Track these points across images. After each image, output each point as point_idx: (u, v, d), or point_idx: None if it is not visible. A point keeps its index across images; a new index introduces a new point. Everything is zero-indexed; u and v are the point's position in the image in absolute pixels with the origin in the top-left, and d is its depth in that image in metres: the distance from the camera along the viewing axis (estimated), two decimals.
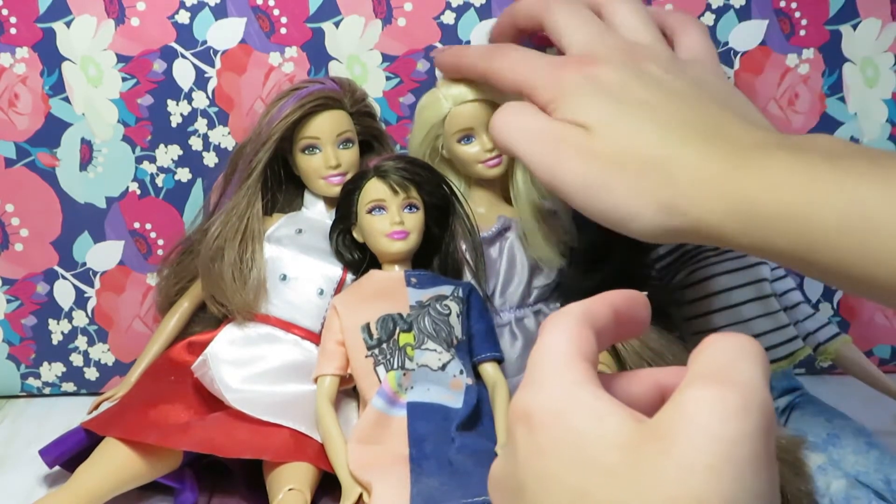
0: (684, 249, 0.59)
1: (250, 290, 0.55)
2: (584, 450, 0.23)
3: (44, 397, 0.68)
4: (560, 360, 0.26)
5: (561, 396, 0.25)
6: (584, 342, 0.26)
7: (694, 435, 0.22)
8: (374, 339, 0.51)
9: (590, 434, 0.23)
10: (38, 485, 0.55)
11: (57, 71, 0.62)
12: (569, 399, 0.24)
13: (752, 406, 0.22)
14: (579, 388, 0.25)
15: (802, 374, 0.66)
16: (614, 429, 0.23)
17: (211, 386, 0.53)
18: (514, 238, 0.57)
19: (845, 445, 0.51)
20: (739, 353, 0.24)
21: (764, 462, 0.22)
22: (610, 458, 0.23)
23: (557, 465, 0.23)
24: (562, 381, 0.25)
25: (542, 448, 0.24)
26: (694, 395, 0.23)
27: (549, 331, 0.27)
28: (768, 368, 0.24)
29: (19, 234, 0.64)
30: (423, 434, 0.48)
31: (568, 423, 0.24)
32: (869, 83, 0.65)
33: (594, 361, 0.27)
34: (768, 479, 0.22)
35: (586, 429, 0.24)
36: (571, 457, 0.23)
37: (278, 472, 0.49)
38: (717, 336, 0.25)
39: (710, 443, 0.21)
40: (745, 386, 0.23)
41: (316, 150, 0.57)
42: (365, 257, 0.56)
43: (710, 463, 0.21)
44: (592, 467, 0.23)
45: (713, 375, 0.23)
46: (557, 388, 0.25)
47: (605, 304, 0.28)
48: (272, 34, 0.62)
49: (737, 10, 0.63)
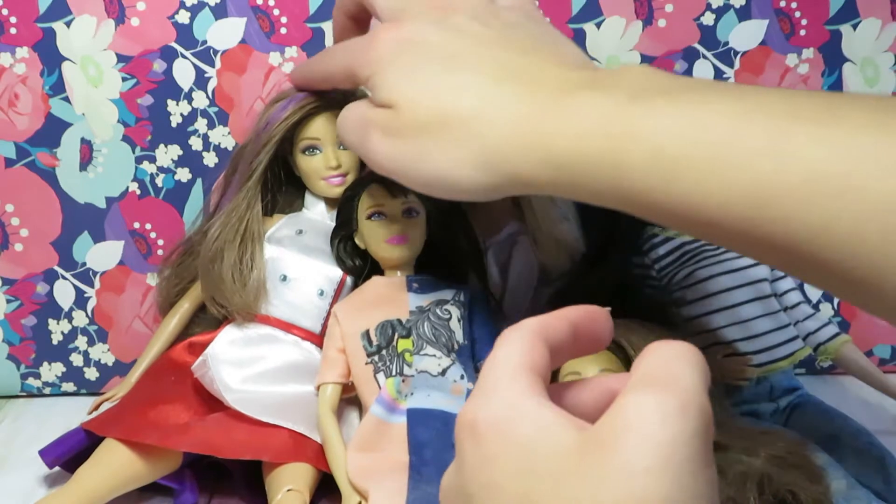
0: (684, 249, 0.59)
1: (250, 292, 0.55)
2: (528, 458, 0.24)
3: (44, 397, 0.68)
4: (508, 372, 0.26)
5: (505, 406, 0.25)
6: (536, 355, 0.27)
7: (632, 438, 0.22)
8: (374, 345, 0.51)
9: (533, 443, 0.24)
10: (38, 485, 0.55)
11: (57, 71, 0.61)
12: (513, 409, 0.25)
13: (690, 409, 0.23)
14: (524, 399, 0.25)
15: (802, 374, 0.66)
16: (557, 437, 0.24)
17: (210, 386, 0.53)
18: (523, 243, 0.57)
19: (845, 445, 0.51)
20: (678, 359, 0.25)
21: (702, 463, 0.22)
22: (553, 465, 0.23)
23: (502, 474, 0.24)
24: (507, 392, 0.25)
25: (488, 458, 0.24)
26: (632, 400, 0.23)
27: (501, 344, 0.27)
28: (707, 373, 0.25)
29: (19, 234, 0.64)
30: (423, 440, 0.48)
31: (511, 432, 0.24)
32: (869, 83, 0.65)
33: (544, 374, 0.27)
34: (707, 479, 0.22)
35: (529, 438, 0.24)
36: (516, 466, 0.24)
37: (277, 473, 0.49)
38: (657, 343, 0.26)
39: (648, 446, 0.22)
40: (683, 390, 0.23)
41: (316, 151, 0.57)
42: (367, 264, 0.56)
43: (649, 465, 0.21)
44: (536, 475, 0.23)
45: (652, 380, 0.23)
46: (503, 398, 0.25)
47: (561, 320, 0.29)
48: (272, 34, 0.62)
49: (737, 10, 0.63)
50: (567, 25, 0.63)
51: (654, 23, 0.63)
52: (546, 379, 0.27)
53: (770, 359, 0.56)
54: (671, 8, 0.63)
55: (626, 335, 0.49)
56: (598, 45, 0.64)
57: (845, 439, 0.51)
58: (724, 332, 0.56)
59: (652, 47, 0.64)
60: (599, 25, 0.64)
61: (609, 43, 0.64)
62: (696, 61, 0.64)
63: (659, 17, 0.63)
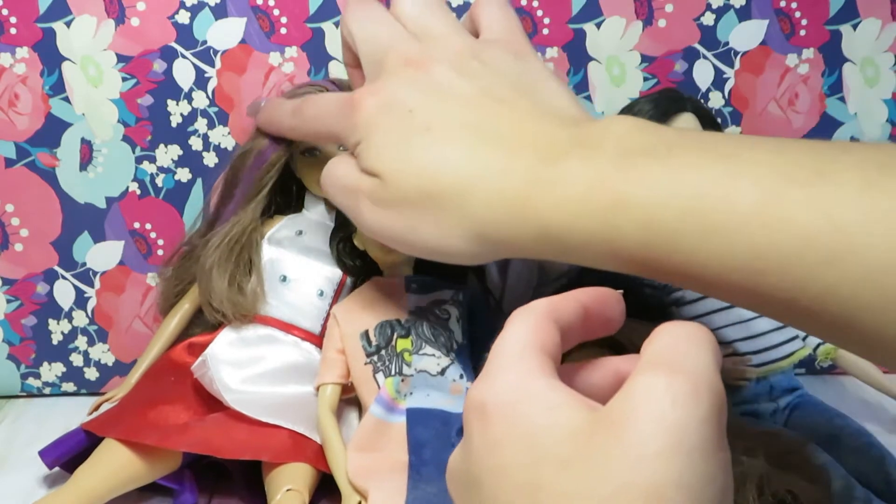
0: None
1: (247, 298, 0.55)
2: (537, 442, 0.23)
3: (44, 397, 0.68)
4: (517, 353, 0.25)
5: (514, 388, 0.25)
6: (547, 336, 0.26)
7: (643, 422, 0.22)
8: (373, 345, 0.51)
9: (542, 425, 0.23)
10: (37, 485, 0.55)
11: (57, 71, 0.62)
12: (521, 390, 0.24)
13: (702, 391, 0.22)
14: (533, 379, 0.25)
15: (802, 374, 0.66)
16: (566, 419, 0.23)
17: (210, 386, 0.53)
18: None
19: (845, 445, 0.51)
20: (689, 341, 0.24)
21: (715, 446, 0.22)
22: (562, 449, 0.23)
23: (511, 457, 0.23)
24: (517, 372, 0.25)
25: (496, 441, 0.24)
26: (643, 382, 0.23)
27: (510, 325, 0.27)
28: (719, 355, 0.24)
29: (19, 234, 0.64)
30: (423, 440, 0.48)
31: (520, 415, 0.24)
32: (869, 83, 0.65)
33: (555, 355, 0.26)
34: (720, 463, 0.22)
35: (538, 420, 0.24)
36: (524, 449, 0.23)
37: (277, 473, 0.49)
38: (667, 325, 0.25)
39: (659, 429, 0.21)
40: (694, 372, 0.23)
41: (317, 153, 0.57)
42: (366, 264, 0.56)
43: (660, 449, 0.21)
44: (545, 459, 0.23)
45: (663, 363, 0.23)
46: (512, 379, 0.25)
47: (573, 301, 0.28)
48: (272, 34, 0.62)
49: (737, 10, 0.63)
50: (567, 25, 0.63)
51: (654, 23, 0.63)
52: (556, 360, 0.26)
53: (770, 359, 0.56)
54: (671, 8, 0.63)
55: (628, 335, 0.49)
56: (598, 45, 0.64)
57: (845, 439, 0.51)
58: (724, 332, 0.56)
59: (652, 47, 0.64)
60: (599, 25, 0.63)
61: (609, 43, 0.64)
62: (697, 61, 0.64)
63: (659, 17, 0.63)
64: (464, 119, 0.39)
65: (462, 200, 0.37)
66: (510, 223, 0.36)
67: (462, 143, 0.38)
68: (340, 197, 0.44)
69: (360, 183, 0.41)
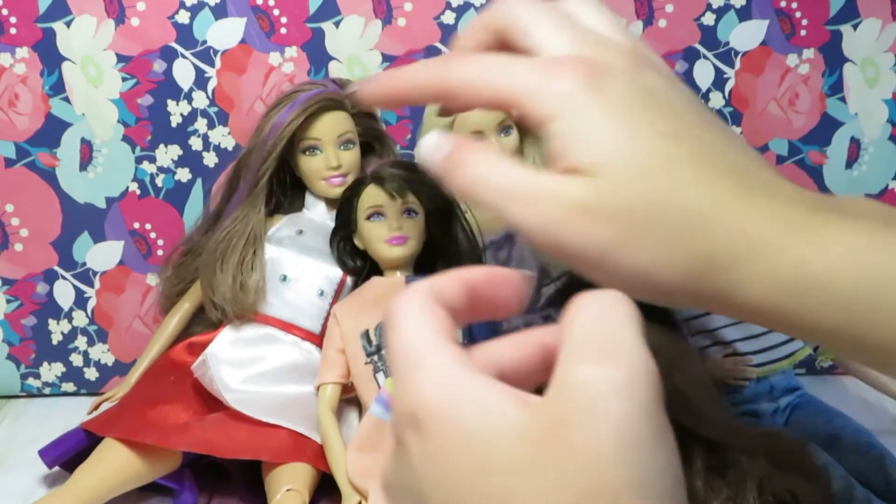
0: None
1: (249, 294, 0.55)
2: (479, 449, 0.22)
3: (44, 397, 0.68)
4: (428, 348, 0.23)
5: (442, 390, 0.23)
6: (443, 321, 0.23)
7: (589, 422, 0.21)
8: (373, 345, 0.51)
9: (480, 429, 0.22)
10: (37, 485, 0.55)
11: (57, 71, 0.61)
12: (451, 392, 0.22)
13: (639, 379, 0.21)
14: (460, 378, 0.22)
15: (802, 374, 0.66)
16: (505, 420, 0.21)
17: (210, 386, 0.53)
18: (522, 242, 0.57)
19: (845, 445, 0.51)
20: (613, 318, 0.23)
21: (661, 435, 0.21)
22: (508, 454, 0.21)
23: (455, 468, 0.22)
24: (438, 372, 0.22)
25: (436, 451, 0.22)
26: (579, 377, 0.22)
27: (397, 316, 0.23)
28: (642, 325, 0.23)
29: (19, 234, 0.64)
30: None
31: (455, 421, 0.22)
32: (869, 83, 0.65)
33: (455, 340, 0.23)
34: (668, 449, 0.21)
35: (475, 424, 0.22)
36: (468, 457, 0.21)
37: (277, 473, 0.49)
38: (583, 298, 0.22)
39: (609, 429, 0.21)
40: (629, 357, 0.22)
41: (317, 151, 0.57)
42: (366, 264, 0.56)
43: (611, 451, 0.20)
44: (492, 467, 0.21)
45: (592, 350, 0.22)
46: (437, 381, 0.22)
47: (455, 281, 0.25)
48: (272, 34, 0.62)
49: (737, 10, 0.63)
50: None
51: (654, 23, 0.63)
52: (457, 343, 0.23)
53: (770, 359, 0.56)
54: (671, 8, 0.63)
55: None
56: None
57: (845, 439, 0.51)
58: (724, 332, 0.56)
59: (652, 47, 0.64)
60: None
61: None
62: (697, 61, 0.64)
63: (659, 17, 0.63)
64: (691, 139, 0.29)
65: (703, 227, 0.28)
66: (754, 258, 0.28)
67: (698, 163, 0.29)
68: (519, 207, 0.30)
69: (562, 186, 0.29)
